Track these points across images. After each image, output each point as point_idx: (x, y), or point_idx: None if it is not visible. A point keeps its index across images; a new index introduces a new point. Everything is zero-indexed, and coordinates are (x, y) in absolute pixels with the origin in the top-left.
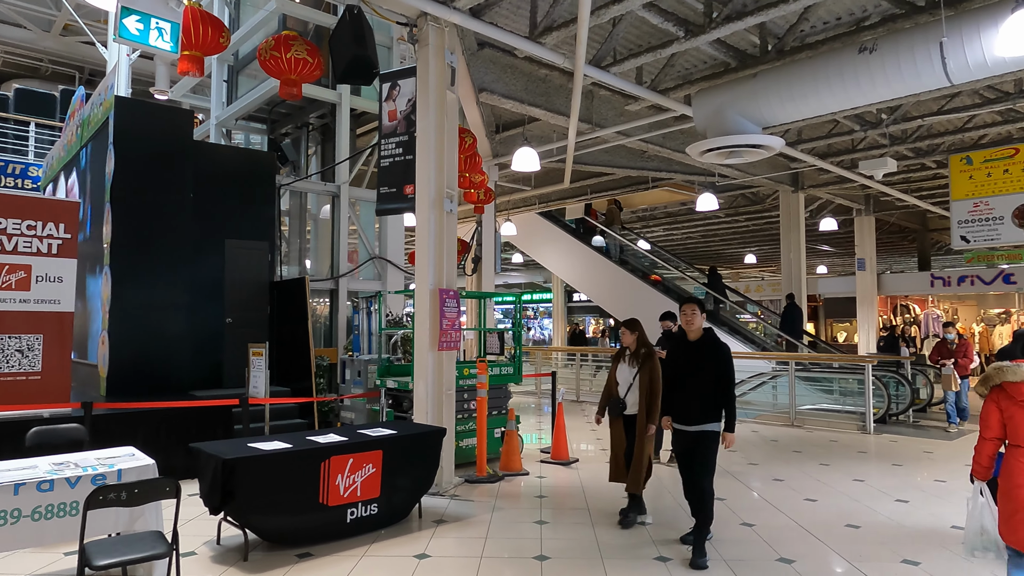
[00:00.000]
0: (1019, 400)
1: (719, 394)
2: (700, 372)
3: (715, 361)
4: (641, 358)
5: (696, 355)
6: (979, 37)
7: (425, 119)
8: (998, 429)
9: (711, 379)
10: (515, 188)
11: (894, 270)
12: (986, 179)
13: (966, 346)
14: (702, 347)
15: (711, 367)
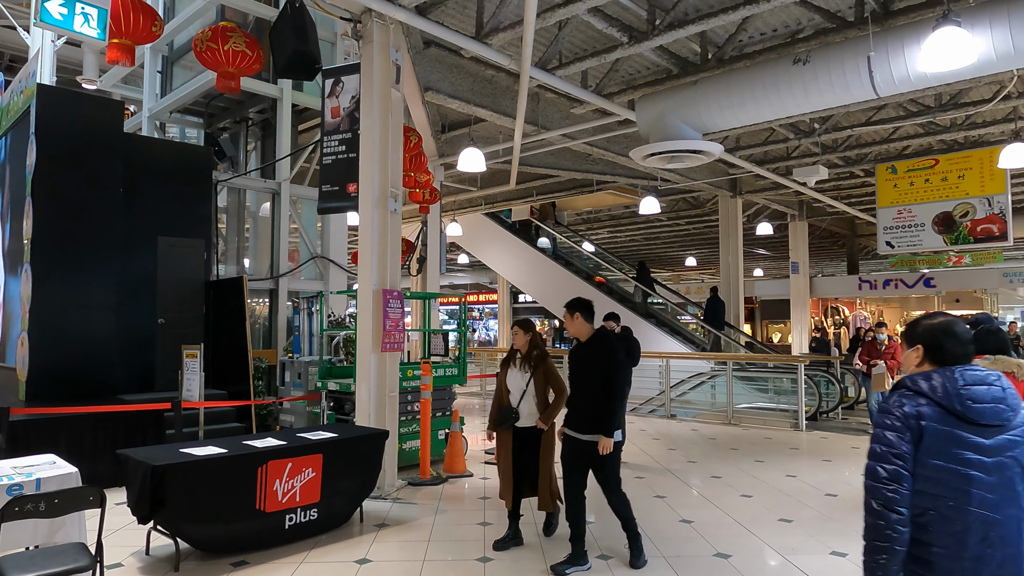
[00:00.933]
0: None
1: (605, 397)
2: (588, 375)
3: (600, 361)
4: (533, 361)
5: (585, 357)
6: (903, 53)
7: (369, 117)
8: None
9: (599, 382)
10: (461, 188)
11: (825, 273)
12: (909, 188)
13: (895, 347)
14: (590, 348)
15: (598, 368)
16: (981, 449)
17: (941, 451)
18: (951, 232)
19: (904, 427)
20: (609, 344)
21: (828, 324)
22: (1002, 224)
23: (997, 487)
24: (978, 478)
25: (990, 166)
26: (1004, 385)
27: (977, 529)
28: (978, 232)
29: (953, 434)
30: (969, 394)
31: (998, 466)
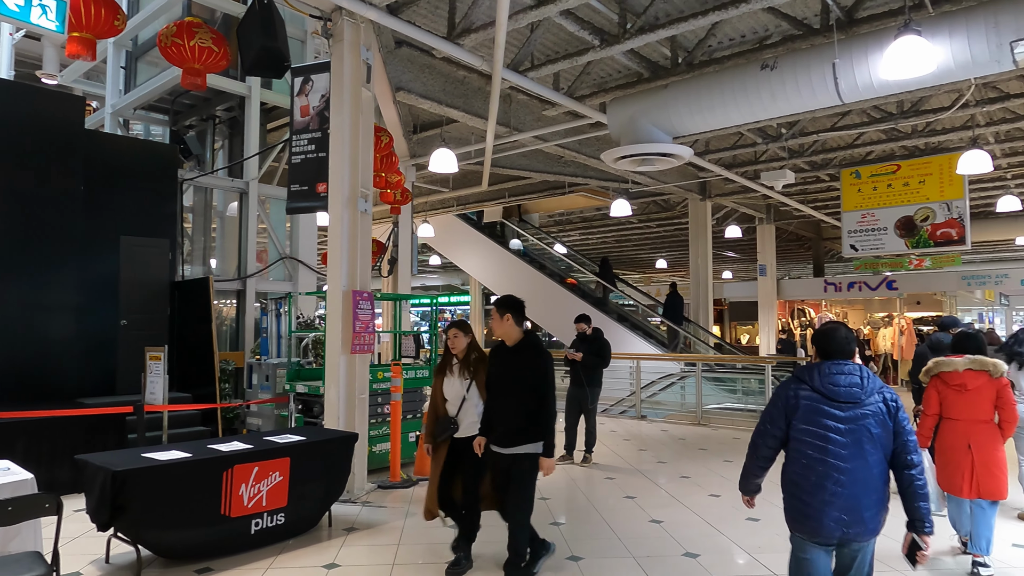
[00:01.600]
0: (953, 385)
1: (536, 409)
2: (516, 384)
3: (532, 369)
4: (472, 366)
5: (513, 364)
6: (867, 60)
7: (339, 116)
8: (936, 408)
9: (528, 391)
10: (433, 189)
11: (792, 276)
12: (872, 192)
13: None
14: (519, 353)
15: (528, 377)
16: (837, 418)
17: (809, 419)
18: (912, 236)
19: (783, 406)
20: (541, 350)
21: (795, 326)
22: (960, 228)
23: (848, 445)
24: (833, 438)
25: (949, 172)
26: (863, 375)
27: (831, 472)
28: (938, 236)
29: (819, 408)
30: (832, 381)
31: (851, 431)
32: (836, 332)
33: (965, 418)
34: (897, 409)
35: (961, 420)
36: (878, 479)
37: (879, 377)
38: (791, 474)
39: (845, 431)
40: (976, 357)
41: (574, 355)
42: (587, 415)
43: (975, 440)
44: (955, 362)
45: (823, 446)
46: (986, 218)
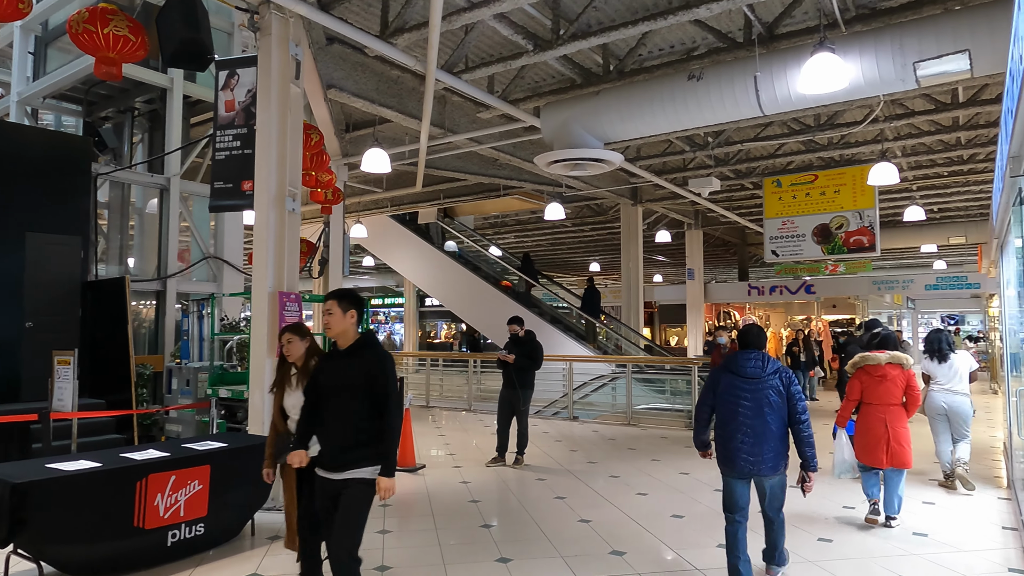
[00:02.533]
0: (875, 376)
1: (374, 425)
2: (346, 392)
3: (368, 375)
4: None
5: (343, 369)
6: (785, 75)
7: (266, 112)
8: (858, 394)
9: (363, 401)
10: (366, 190)
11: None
12: (792, 200)
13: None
14: (353, 356)
15: (362, 383)
16: (745, 389)
17: (727, 391)
18: (828, 243)
19: (712, 384)
20: (380, 351)
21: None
22: (871, 236)
23: (752, 409)
24: (742, 403)
25: (861, 183)
26: (763, 360)
27: (741, 427)
28: (851, 243)
29: (734, 383)
30: (742, 364)
31: (754, 399)
32: (750, 331)
33: (882, 402)
34: (790, 383)
35: (879, 404)
36: (775, 434)
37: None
38: (718, 430)
39: (750, 399)
40: (895, 353)
41: (506, 357)
42: (519, 417)
43: (890, 419)
44: (879, 357)
45: (735, 410)
46: (894, 227)
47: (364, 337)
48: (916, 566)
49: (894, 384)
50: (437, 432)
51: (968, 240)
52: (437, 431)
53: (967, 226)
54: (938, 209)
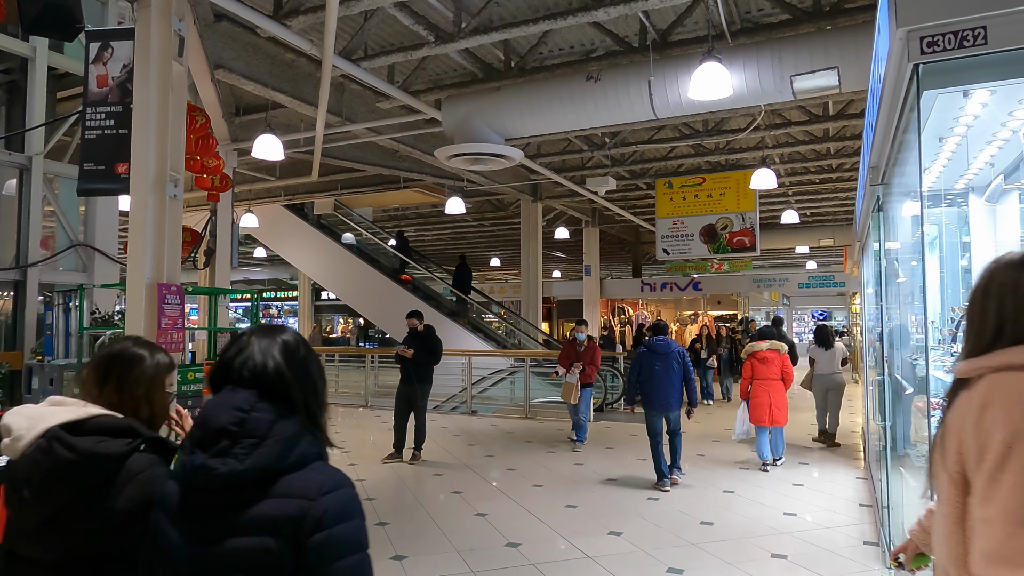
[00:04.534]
0: (759, 359)
1: None
2: None
3: None
4: None
5: None
6: (677, 81)
7: (145, 90)
8: (750, 373)
9: None
10: (258, 177)
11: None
12: (682, 202)
13: (593, 350)
14: None
15: None
16: (658, 359)
17: (647, 361)
18: (714, 242)
19: (638, 358)
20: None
21: (615, 322)
22: (752, 237)
23: (663, 370)
24: (655, 368)
25: (744, 186)
26: (667, 342)
27: (656, 385)
28: (734, 243)
29: (651, 358)
30: (655, 344)
31: (665, 366)
32: (660, 322)
33: (766, 378)
34: (683, 356)
35: (764, 380)
36: (675, 386)
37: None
38: (643, 386)
39: (661, 365)
40: (773, 341)
41: (405, 351)
42: (416, 412)
43: (771, 391)
44: (761, 345)
45: (652, 371)
46: (773, 229)
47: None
48: (784, 543)
49: (773, 365)
50: (331, 429)
51: (836, 242)
52: (332, 428)
53: (835, 229)
54: (810, 213)
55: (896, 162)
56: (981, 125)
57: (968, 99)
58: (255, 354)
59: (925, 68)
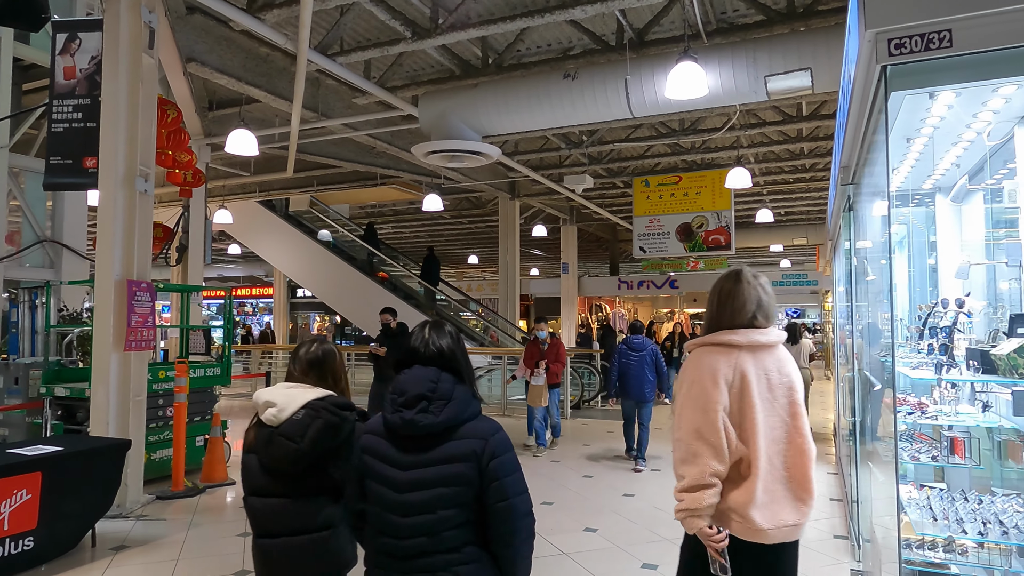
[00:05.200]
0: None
1: None
2: None
3: None
4: None
5: None
6: (653, 79)
7: (114, 83)
8: None
9: None
10: (232, 173)
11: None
12: (659, 200)
13: (558, 347)
14: None
15: None
16: (633, 355)
17: (625, 356)
18: (690, 240)
19: (617, 357)
20: None
21: (592, 320)
22: (727, 235)
23: (637, 365)
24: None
25: (720, 185)
26: (643, 340)
27: (632, 375)
28: (710, 241)
29: (627, 352)
30: (630, 342)
31: (639, 358)
32: (636, 322)
33: None
34: (656, 353)
35: None
36: (649, 380)
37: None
38: (620, 379)
39: (636, 359)
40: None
41: (377, 350)
42: None
43: None
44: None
45: (629, 366)
46: (747, 228)
47: None
48: None
49: None
50: None
51: (809, 241)
52: None
53: (808, 228)
54: (784, 212)
55: (866, 162)
56: (947, 126)
57: (934, 101)
58: (434, 341)
59: (893, 70)
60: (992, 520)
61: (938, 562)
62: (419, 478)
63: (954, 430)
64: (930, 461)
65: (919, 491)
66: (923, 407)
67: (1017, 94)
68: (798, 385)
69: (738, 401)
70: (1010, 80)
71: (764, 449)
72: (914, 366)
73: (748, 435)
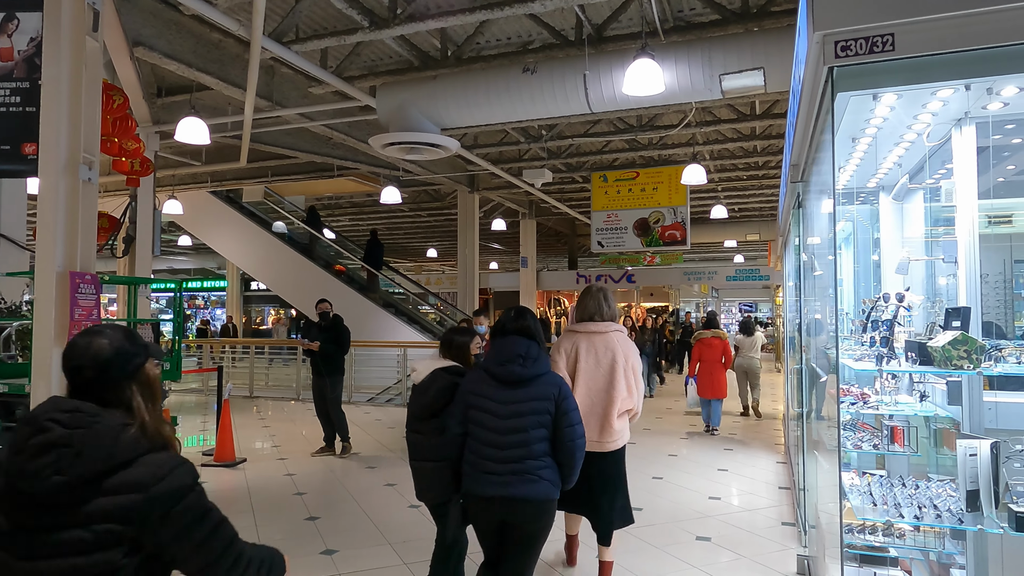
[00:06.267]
0: (706, 344)
1: None
2: None
3: None
4: None
5: None
6: (611, 75)
7: (55, 66)
8: (698, 356)
9: None
10: (183, 162)
11: (550, 268)
12: (616, 195)
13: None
14: None
15: None
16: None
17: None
18: (646, 236)
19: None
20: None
21: (551, 314)
22: (683, 231)
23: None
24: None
25: (676, 182)
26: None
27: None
28: (666, 237)
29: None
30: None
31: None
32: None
33: (710, 360)
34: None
35: (708, 361)
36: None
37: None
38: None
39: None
40: (715, 330)
41: (309, 345)
42: (330, 404)
43: (714, 371)
44: (706, 333)
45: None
46: (703, 223)
47: None
48: (709, 526)
49: (716, 349)
50: (261, 424)
51: (761, 237)
52: (261, 422)
53: (760, 225)
54: (738, 208)
55: (814, 161)
56: (889, 127)
57: (878, 102)
58: (519, 321)
59: (839, 71)
60: (927, 504)
61: (878, 545)
62: (515, 410)
63: (894, 419)
64: (872, 449)
65: (861, 478)
66: (865, 397)
67: (954, 97)
68: (620, 358)
69: (573, 363)
70: (947, 84)
71: (585, 394)
72: (857, 358)
73: (576, 384)
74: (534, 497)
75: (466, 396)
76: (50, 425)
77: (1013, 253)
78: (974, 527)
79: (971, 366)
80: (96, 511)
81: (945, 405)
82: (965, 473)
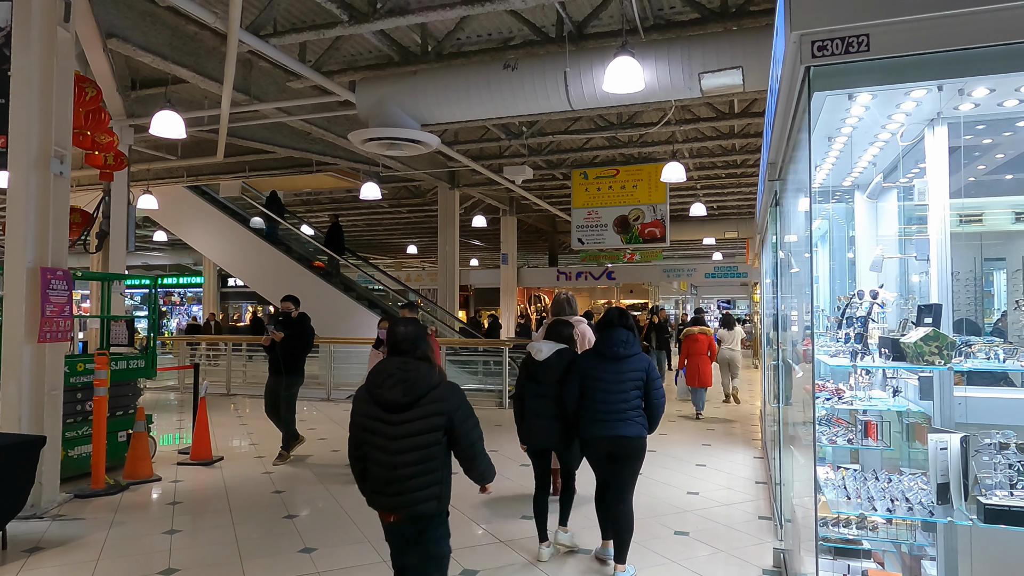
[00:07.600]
0: (692, 339)
1: None
2: None
3: None
4: None
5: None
6: (592, 73)
7: (25, 57)
8: (687, 351)
9: None
10: (158, 156)
11: (531, 265)
12: (597, 192)
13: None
14: None
15: None
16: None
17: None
18: (626, 233)
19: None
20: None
21: (531, 311)
22: (662, 228)
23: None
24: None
25: (656, 179)
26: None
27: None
28: (646, 234)
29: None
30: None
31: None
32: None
33: (697, 353)
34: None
35: (696, 355)
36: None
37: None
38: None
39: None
40: (701, 326)
41: (274, 334)
42: (283, 402)
43: (700, 363)
44: (694, 329)
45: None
46: (682, 221)
47: None
48: (687, 521)
49: (702, 344)
50: (239, 422)
51: (739, 235)
52: (239, 420)
53: (739, 222)
54: (717, 206)
55: (791, 159)
56: (864, 127)
57: (853, 102)
58: (623, 319)
59: (816, 71)
60: (899, 497)
61: (852, 538)
62: (620, 378)
63: (868, 414)
64: (846, 444)
65: (835, 472)
66: (840, 392)
67: (927, 98)
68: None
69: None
70: (921, 84)
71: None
72: (832, 354)
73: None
74: (634, 435)
75: (585, 368)
76: (395, 371)
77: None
78: (944, 519)
79: (942, 362)
80: (425, 413)
81: (917, 400)
82: (936, 467)
